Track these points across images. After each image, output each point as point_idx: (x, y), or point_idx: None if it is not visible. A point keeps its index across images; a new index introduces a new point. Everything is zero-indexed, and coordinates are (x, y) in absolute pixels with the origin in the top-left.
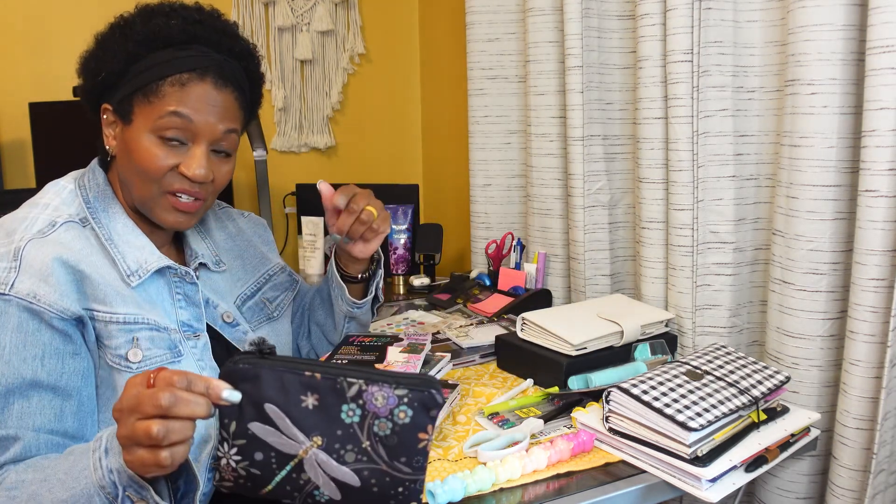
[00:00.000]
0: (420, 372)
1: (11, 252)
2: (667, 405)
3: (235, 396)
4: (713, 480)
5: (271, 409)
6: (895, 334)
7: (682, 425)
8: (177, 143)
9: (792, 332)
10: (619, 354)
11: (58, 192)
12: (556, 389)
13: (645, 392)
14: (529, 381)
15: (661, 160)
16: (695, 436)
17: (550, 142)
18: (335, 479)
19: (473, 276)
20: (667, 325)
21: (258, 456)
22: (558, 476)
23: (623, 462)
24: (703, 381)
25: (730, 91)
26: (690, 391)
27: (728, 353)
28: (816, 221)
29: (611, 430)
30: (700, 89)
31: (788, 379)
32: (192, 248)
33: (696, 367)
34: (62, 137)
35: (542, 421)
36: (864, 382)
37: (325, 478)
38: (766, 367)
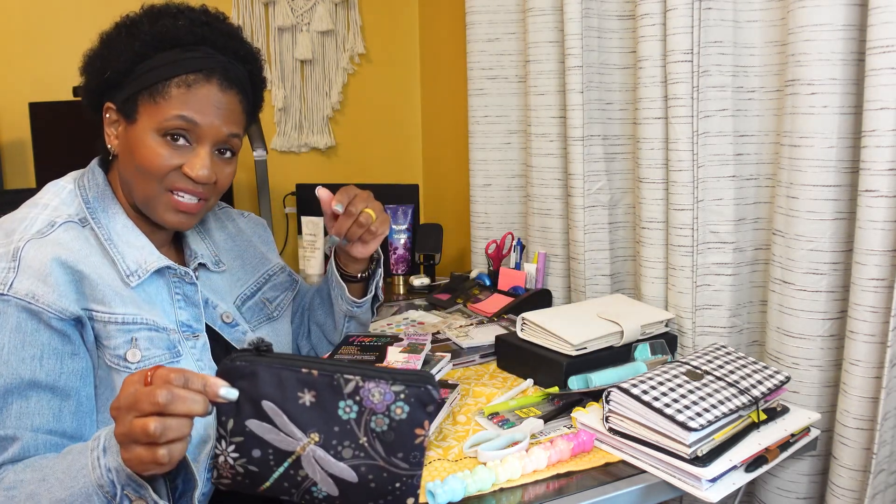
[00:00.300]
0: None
1: (10, 252)
2: (667, 405)
3: (232, 394)
4: (713, 480)
5: (268, 406)
6: (895, 334)
7: (682, 425)
8: (181, 143)
9: (792, 332)
10: (619, 354)
11: (57, 193)
12: (556, 389)
13: (645, 392)
14: (529, 381)
15: (661, 160)
16: (695, 436)
17: (550, 142)
18: (333, 476)
19: (473, 276)
20: (667, 325)
21: (256, 453)
22: (558, 476)
23: (623, 462)
24: (703, 381)
25: (730, 91)
26: (690, 391)
27: (728, 353)
28: (816, 221)
29: (611, 430)
30: (700, 89)
31: (788, 379)
32: (191, 249)
33: (696, 367)
34: (62, 137)
35: (542, 421)
36: (864, 382)
37: (322, 474)
38: (766, 367)
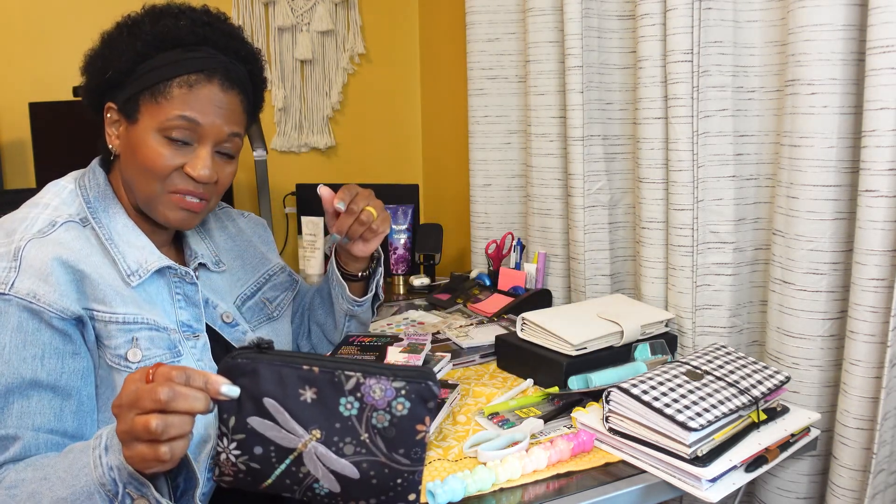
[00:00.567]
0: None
1: (11, 252)
2: (667, 405)
3: (234, 391)
4: (713, 480)
5: (270, 403)
6: (895, 334)
7: (682, 425)
8: (183, 143)
9: (792, 332)
10: (619, 354)
11: (58, 192)
12: (556, 389)
13: (645, 392)
14: (529, 381)
15: (661, 160)
16: (695, 436)
17: (550, 142)
18: (334, 472)
19: (473, 276)
20: (667, 325)
21: (257, 450)
22: (558, 476)
23: (623, 462)
24: (703, 381)
25: (730, 91)
26: (690, 391)
27: (728, 353)
28: (816, 221)
29: (611, 430)
30: (700, 89)
31: (788, 379)
32: (191, 249)
33: (696, 367)
34: (62, 137)
35: (542, 421)
36: (864, 382)
37: (324, 470)
38: (766, 367)
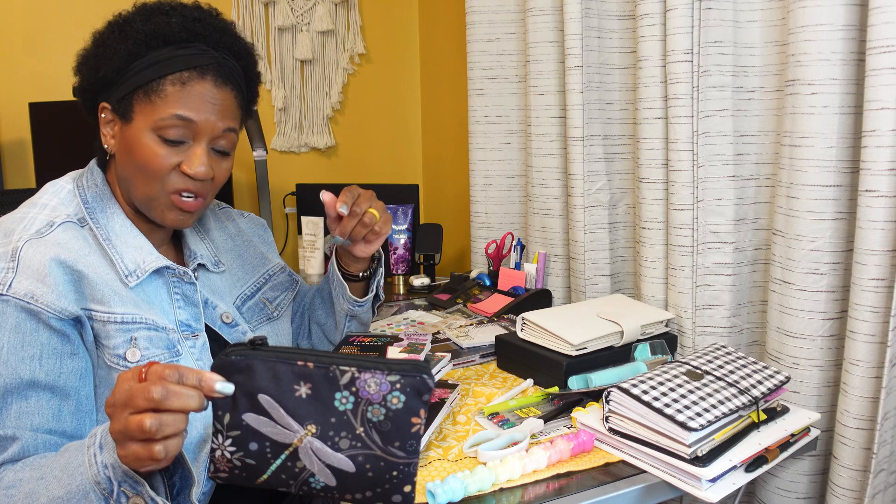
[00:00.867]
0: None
1: (9, 252)
2: (667, 405)
3: (228, 388)
4: (713, 480)
5: (265, 399)
6: (895, 334)
7: (682, 425)
8: (178, 141)
9: (792, 332)
10: (619, 354)
11: (56, 193)
12: (556, 389)
13: (645, 392)
14: (529, 381)
15: (661, 160)
16: (695, 436)
17: (550, 142)
18: (330, 466)
19: (473, 276)
20: (667, 325)
21: (253, 446)
22: (558, 476)
23: (623, 462)
24: (703, 381)
25: (730, 91)
26: (690, 391)
27: (728, 353)
28: (816, 221)
29: (611, 430)
30: (700, 89)
31: (788, 379)
32: (190, 249)
33: (696, 367)
34: (62, 137)
35: (542, 421)
36: (864, 382)
37: (320, 465)
38: (766, 367)
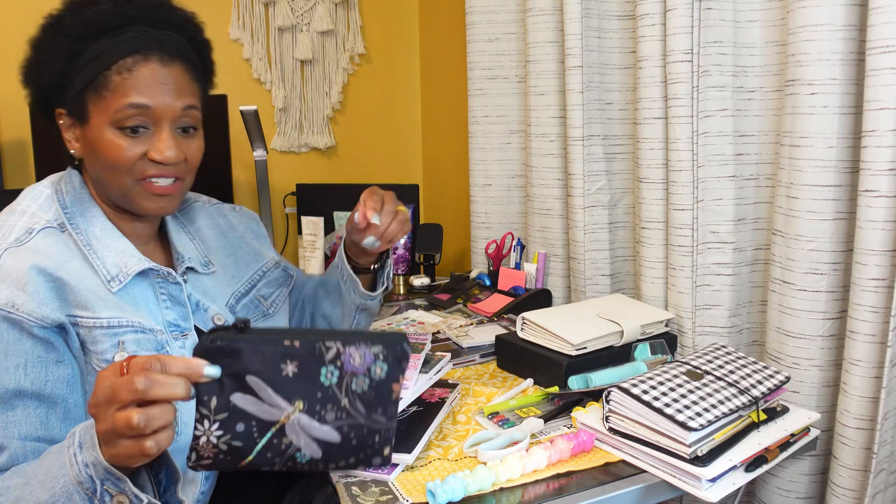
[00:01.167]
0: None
1: None
2: (667, 405)
3: (215, 371)
4: (713, 480)
5: (253, 380)
6: (895, 334)
7: (682, 425)
8: (140, 130)
9: (792, 332)
10: (619, 354)
11: (35, 198)
12: (556, 389)
13: (645, 392)
14: (529, 381)
15: (661, 160)
16: (695, 436)
17: (550, 142)
18: (317, 439)
19: (473, 276)
20: (667, 325)
21: (240, 427)
22: (558, 476)
23: (623, 462)
24: (703, 380)
25: (730, 91)
26: (690, 391)
27: (728, 353)
28: (816, 221)
29: (611, 429)
30: (700, 89)
31: (788, 379)
32: (178, 252)
33: (696, 367)
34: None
35: (542, 421)
36: (864, 382)
37: (307, 439)
38: (766, 367)
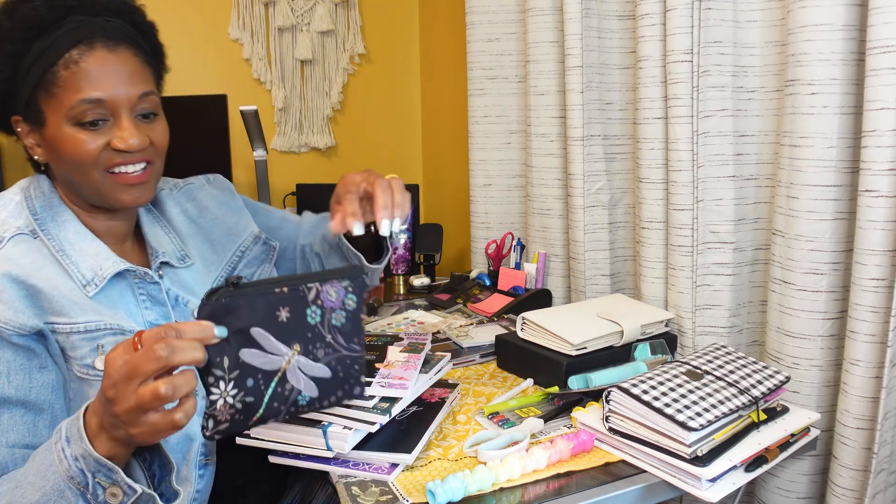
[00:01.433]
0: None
1: None
2: (667, 405)
3: (223, 331)
4: (713, 480)
5: (257, 331)
6: (895, 334)
7: (682, 425)
8: (99, 123)
9: (792, 331)
10: (619, 354)
11: (4, 206)
12: (556, 389)
13: (645, 392)
14: (529, 381)
15: (661, 160)
16: (695, 436)
17: (550, 142)
18: (314, 378)
19: (473, 276)
20: (667, 325)
21: (249, 382)
22: (558, 476)
23: (623, 462)
24: (703, 380)
25: (730, 91)
26: (690, 391)
27: (728, 353)
28: (816, 221)
29: (611, 429)
30: (700, 89)
31: (788, 379)
32: (153, 247)
33: (696, 367)
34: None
35: (542, 421)
36: (864, 382)
37: (305, 380)
38: (766, 367)
